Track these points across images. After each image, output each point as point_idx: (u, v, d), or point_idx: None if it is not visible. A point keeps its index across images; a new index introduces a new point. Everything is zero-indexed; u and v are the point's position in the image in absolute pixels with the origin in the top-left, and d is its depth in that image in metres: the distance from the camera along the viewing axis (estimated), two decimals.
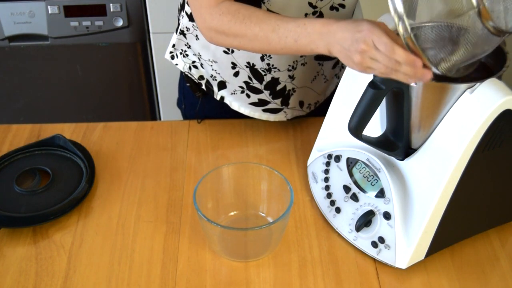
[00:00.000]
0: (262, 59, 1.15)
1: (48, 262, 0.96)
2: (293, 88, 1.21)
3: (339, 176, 1.01)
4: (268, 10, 1.06)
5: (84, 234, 1.01)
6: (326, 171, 1.04)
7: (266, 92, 1.21)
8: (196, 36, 1.20)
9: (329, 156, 1.03)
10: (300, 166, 1.13)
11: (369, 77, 0.87)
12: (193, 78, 1.24)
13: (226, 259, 0.97)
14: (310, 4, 1.08)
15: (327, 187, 1.03)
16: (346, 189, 1.00)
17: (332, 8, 1.11)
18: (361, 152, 0.98)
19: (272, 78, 1.18)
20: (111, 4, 1.81)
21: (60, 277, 0.94)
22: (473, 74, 0.88)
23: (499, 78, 0.86)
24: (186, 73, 1.24)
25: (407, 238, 0.92)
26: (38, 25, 1.83)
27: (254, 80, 1.19)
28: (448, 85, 0.85)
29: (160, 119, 2.16)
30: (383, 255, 0.94)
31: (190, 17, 1.17)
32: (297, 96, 1.23)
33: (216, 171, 1.00)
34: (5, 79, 1.95)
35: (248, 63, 1.17)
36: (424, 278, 0.93)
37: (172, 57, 1.25)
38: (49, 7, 1.80)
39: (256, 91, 1.20)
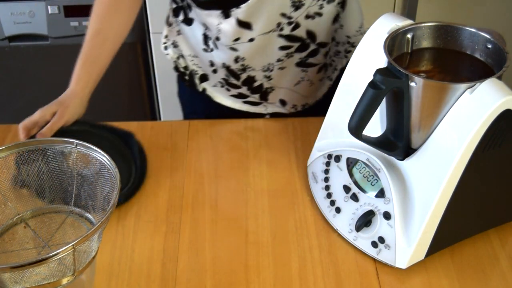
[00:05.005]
0: (236, 61, 1.17)
1: None
2: (271, 87, 1.23)
3: (339, 176, 1.01)
4: (237, 19, 1.08)
5: None
6: (326, 171, 1.03)
7: (244, 88, 1.24)
8: (178, 31, 1.23)
9: (329, 156, 1.03)
10: (300, 166, 1.13)
11: (369, 77, 0.87)
12: (179, 67, 1.29)
13: (226, 259, 0.96)
14: (284, 15, 1.09)
15: (327, 187, 1.03)
16: (346, 189, 1.00)
17: (308, 17, 1.12)
18: (361, 152, 0.98)
19: (248, 76, 1.21)
20: None
21: None
22: (473, 74, 0.89)
23: (499, 78, 0.86)
24: (175, 61, 1.29)
25: (407, 238, 0.92)
26: (38, 25, 1.83)
27: (231, 78, 1.22)
28: (448, 85, 0.85)
29: (160, 119, 2.16)
30: (383, 255, 0.94)
31: (174, 12, 1.20)
32: (277, 94, 1.25)
33: None
34: (5, 79, 1.95)
35: (224, 64, 1.19)
36: (424, 278, 0.93)
37: (165, 48, 1.30)
38: (49, 7, 1.80)
39: (235, 86, 1.24)
